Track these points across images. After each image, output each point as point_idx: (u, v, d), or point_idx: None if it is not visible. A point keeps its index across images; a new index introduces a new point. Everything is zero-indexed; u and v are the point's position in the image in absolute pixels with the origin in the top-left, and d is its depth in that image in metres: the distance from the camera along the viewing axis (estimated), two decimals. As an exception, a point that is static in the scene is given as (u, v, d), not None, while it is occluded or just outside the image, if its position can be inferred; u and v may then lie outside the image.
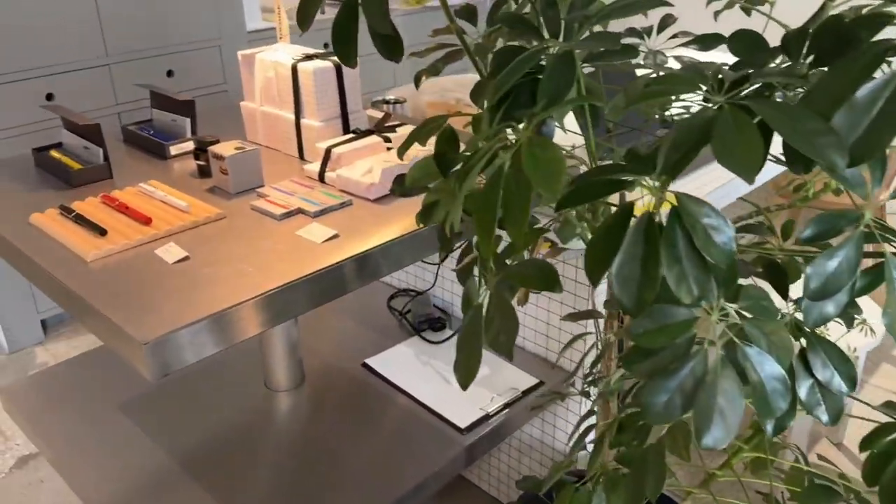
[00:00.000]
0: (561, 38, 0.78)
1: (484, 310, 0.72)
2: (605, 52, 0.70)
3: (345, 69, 1.47)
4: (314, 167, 1.43)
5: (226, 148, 1.36)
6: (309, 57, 1.49)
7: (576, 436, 0.97)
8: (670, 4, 0.64)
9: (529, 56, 0.65)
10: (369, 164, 1.36)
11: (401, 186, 0.86)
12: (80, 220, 1.22)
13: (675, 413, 0.64)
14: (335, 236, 1.19)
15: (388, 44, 0.78)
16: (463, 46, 0.97)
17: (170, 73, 2.77)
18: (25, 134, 2.46)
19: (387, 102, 2.07)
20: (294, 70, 1.46)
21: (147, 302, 1.02)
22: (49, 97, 2.49)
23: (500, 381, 1.66)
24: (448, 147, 0.70)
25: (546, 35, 0.80)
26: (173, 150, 1.53)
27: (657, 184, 0.61)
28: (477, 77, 2.50)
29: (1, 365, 2.61)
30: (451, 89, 2.63)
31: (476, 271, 0.74)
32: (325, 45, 3.22)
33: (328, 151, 1.40)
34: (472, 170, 0.60)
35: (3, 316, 2.59)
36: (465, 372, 0.66)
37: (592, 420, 1.14)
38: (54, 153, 1.50)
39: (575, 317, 1.03)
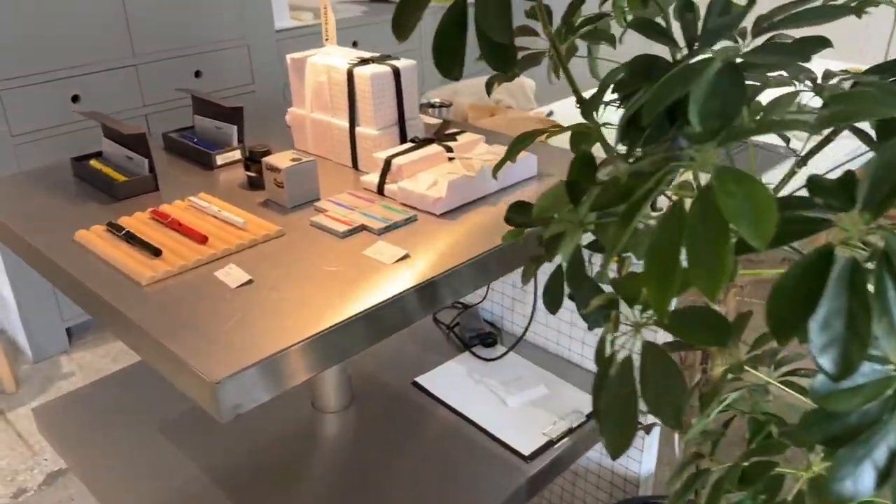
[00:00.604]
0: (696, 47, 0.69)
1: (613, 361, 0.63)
2: (768, 65, 0.61)
3: (403, 73, 1.38)
4: (372, 178, 1.34)
5: (281, 159, 1.27)
6: (364, 61, 1.40)
7: (678, 483, 0.88)
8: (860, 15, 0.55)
9: (693, 68, 0.56)
10: (433, 177, 1.27)
11: (520, 215, 0.77)
12: (132, 238, 1.13)
13: (865, 491, 0.55)
14: (406, 256, 1.11)
15: (502, 53, 0.69)
16: (555, 51, 0.88)
17: (198, 74, 2.69)
18: (51, 137, 2.38)
19: (432, 106, 1.98)
20: (350, 75, 1.37)
21: (213, 333, 0.94)
22: (75, 99, 2.41)
23: (559, 402, 1.58)
24: (584, 174, 0.61)
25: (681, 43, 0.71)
26: (220, 159, 1.45)
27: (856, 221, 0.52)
28: (519, 78, 2.39)
29: (26, 375, 2.53)
30: (490, 91, 2.54)
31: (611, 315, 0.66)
32: (354, 44, 3.13)
33: (388, 162, 1.31)
34: (639, 207, 0.51)
35: (28, 324, 2.51)
36: (617, 444, 0.58)
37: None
38: (94, 163, 1.42)
39: (675, 347, 0.94)
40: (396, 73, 1.38)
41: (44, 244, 1.18)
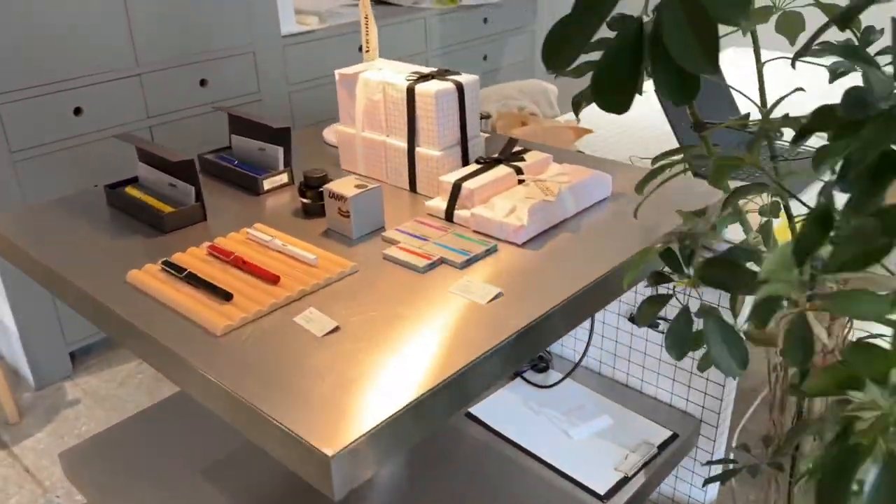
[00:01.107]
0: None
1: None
2: None
3: (466, 89, 1.29)
4: (438, 204, 1.24)
5: (345, 186, 1.17)
6: (424, 76, 1.30)
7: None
8: None
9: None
10: (509, 202, 1.18)
11: (727, 274, 0.67)
12: (194, 280, 1.02)
13: None
14: (499, 295, 1.01)
15: (690, 85, 0.60)
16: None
17: (203, 83, 2.56)
18: (53, 152, 2.25)
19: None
20: (410, 92, 1.27)
21: (309, 393, 0.84)
22: (77, 112, 2.28)
23: (626, 433, 1.49)
24: (821, 234, 0.52)
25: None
26: (266, 184, 1.34)
27: None
28: (542, 83, 2.29)
29: (28, 404, 2.40)
30: (513, 97, 2.45)
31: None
32: (360, 49, 3.02)
33: (457, 186, 1.21)
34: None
35: (29, 349, 2.37)
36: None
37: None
38: (132, 191, 1.31)
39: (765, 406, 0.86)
40: (460, 88, 1.28)
41: (92, 287, 1.06)
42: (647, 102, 1.98)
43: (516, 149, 1.34)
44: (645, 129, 2.03)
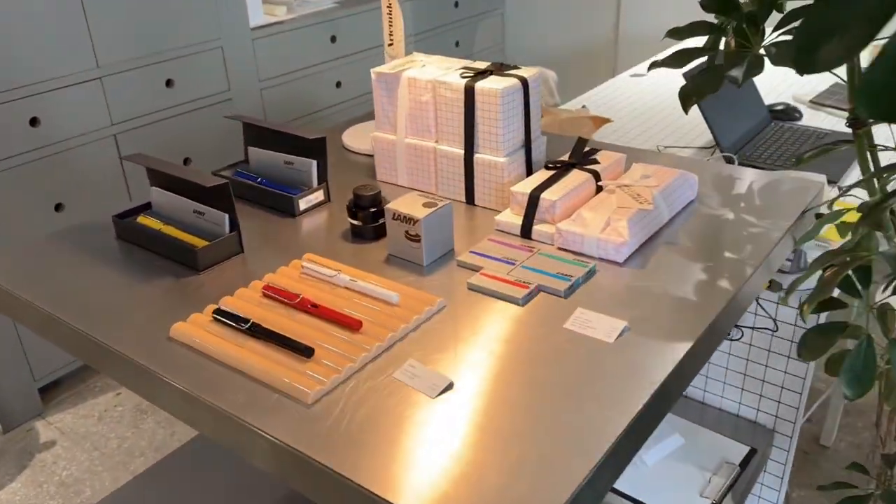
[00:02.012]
0: None
1: None
2: None
3: (531, 85, 1.13)
4: (509, 219, 1.09)
5: (412, 205, 1.01)
6: (480, 72, 1.14)
7: None
8: None
9: None
10: (602, 214, 1.03)
11: None
12: (260, 331, 0.85)
13: None
14: (626, 330, 0.87)
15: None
16: None
17: (169, 83, 2.33)
18: (9, 169, 2.00)
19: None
20: (468, 91, 1.11)
21: (450, 479, 0.67)
22: (33, 122, 2.03)
23: (701, 452, 1.37)
24: None
25: None
26: (303, 203, 1.16)
27: None
28: (543, 70, 2.13)
29: (-2, 450, 2.15)
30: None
31: None
32: (333, 39, 2.82)
33: (534, 198, 1.06)
34: None
35: (-6, 390, 2.13)
36: None
37: None
38: (146, 220, 1.11)
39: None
40: (524, 84, 1.12)
41: (133, 348, 0.87)
42: (652, 88, 1.84)
43: (586, 149, 1.19)
44: (655, 114, 1.91)
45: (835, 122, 1.79)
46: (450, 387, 0.79)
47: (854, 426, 1.93)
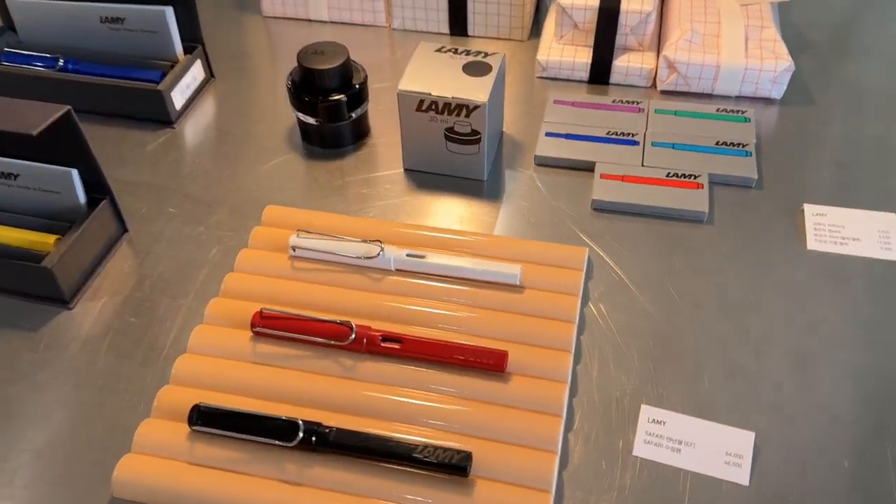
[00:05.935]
0: None
1: None
2: None
3: None
4: (560, 56, 0.65)
5: (439, 76, 0.53)
6: None
7: None
8: None
9: None
10: (734, 27, 0.63)
11: None
12: (330, 443, 0.39)
13: None
14: None
15: None
16: None
17: None
18: None
19: None
20: None
21: None
22: None
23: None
24: None
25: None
26: (177, 97, 0.62)
27: None
28: None
29: None
30: None
31: None
32: None
33: (609, 10, 0.62)
34: None
35: None
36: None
37: None
38: None
39: None
40: None
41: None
42: None
43: None
44: None
45: None
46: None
47: None
